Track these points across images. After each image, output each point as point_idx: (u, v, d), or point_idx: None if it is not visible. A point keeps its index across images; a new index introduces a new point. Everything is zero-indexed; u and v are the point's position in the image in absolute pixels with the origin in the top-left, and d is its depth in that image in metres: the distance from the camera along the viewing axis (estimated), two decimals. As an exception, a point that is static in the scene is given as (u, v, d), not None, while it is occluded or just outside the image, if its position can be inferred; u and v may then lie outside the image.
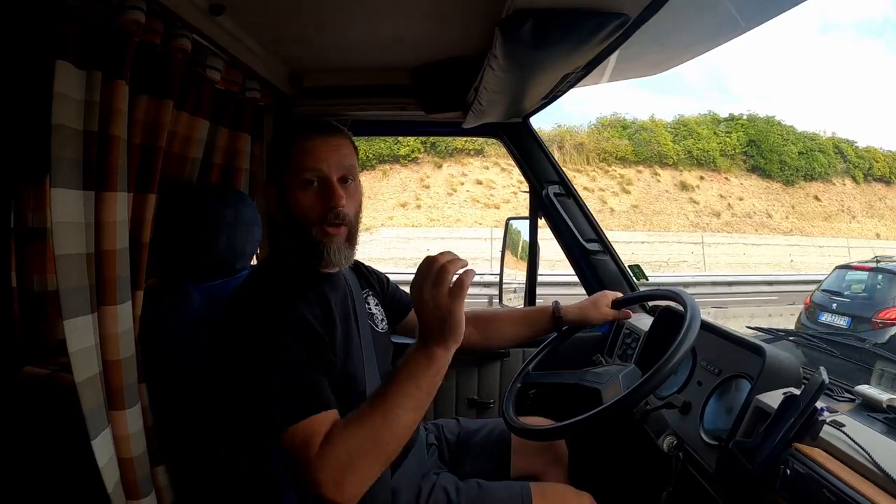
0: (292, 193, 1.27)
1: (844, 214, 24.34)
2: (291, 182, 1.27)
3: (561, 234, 2.18)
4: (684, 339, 1.25)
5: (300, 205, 1.26)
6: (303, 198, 1.26)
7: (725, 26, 1.39)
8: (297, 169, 1.26)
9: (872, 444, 0.98)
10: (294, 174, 1.26)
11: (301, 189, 1.26)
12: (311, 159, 1.26)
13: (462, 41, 1.62)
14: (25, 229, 1.90)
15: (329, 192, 1.26)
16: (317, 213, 1.26)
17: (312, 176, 1.26)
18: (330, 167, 1.27)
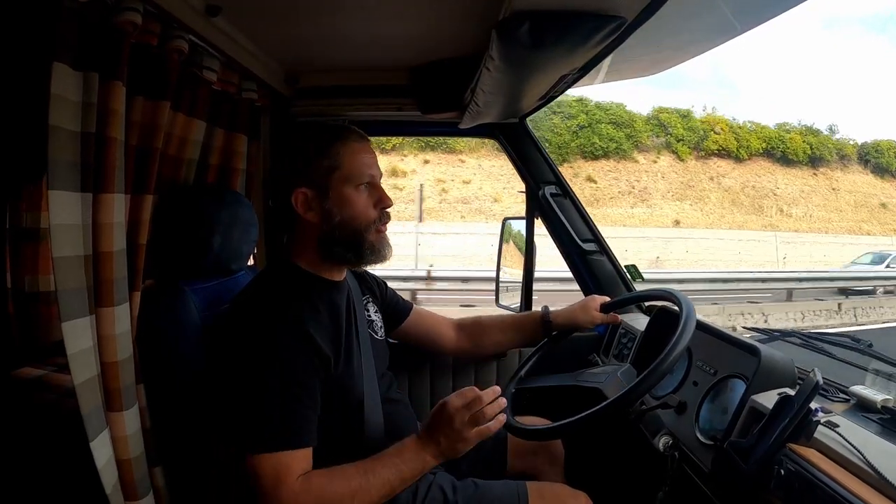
0: (345, 194, 1.29)
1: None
2: (341, 183, 1.29)
3: (557, 235, 2.18)
4: (680, 339, 1.25)
5: (357, 206, 1.30)
6: (359, 199, 1.30)
7: (721, 28, 1.39)
8: (351, 171, 1.29)
9: (866, 444, 0.99)
10: (346, 175, 1.29)
11: (356, 191, 1.30)
12: (364, 163, 1.31)
13: (459, 42, 1.62)
14: (20, 230, 1.90)
15: (381, 195, 1.34)
16: (374, 214, 1.32)
17: (367, 179, 1.31)
18: (377, 171, 1.34)
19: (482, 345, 1.85)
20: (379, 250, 1.34)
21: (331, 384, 1.25)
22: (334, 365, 1.26)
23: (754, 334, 1.67)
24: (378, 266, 1.40)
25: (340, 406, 1.29)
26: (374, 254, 1.34)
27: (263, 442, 1.12)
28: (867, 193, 29.95)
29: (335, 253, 1.32)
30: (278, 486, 1.11)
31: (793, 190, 28.51)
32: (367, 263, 1.36)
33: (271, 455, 1.12)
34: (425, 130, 2.39)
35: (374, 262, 1.35)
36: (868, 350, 1.38)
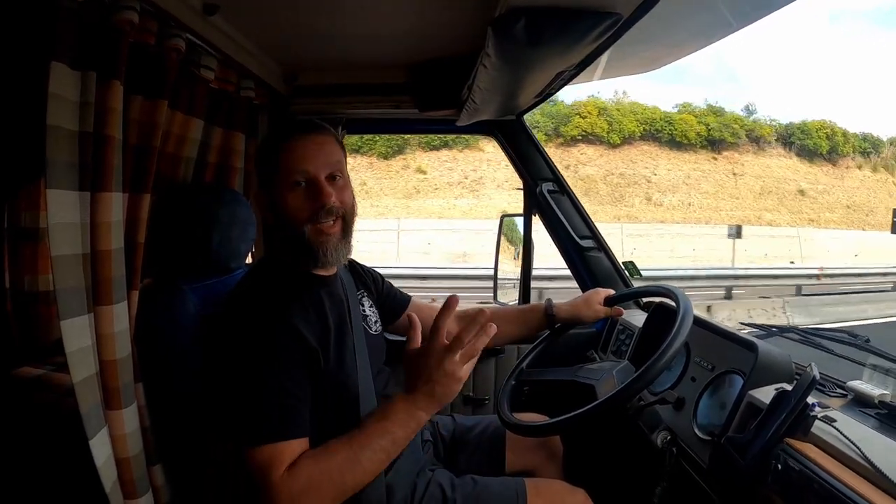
0: (282, 196, 1.27)
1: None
2: (280, 185, 1.27)
3: (555, 231, 2.18)
4: (677, 335, 1.26)
5: (290, 206, 1.27)
6: (292, 199, 1.26)
7: (717, 25, 1.39)
8: (284, 171, 1.26)
9: (863, 439, 0.99)
10: (282, 177, 1.27)
11: (290, 190, 1.26)
12: (296, 160, 1.26)
13: (456, 39, 1.62)
14: (19, 229, 1.90)
15: (317, 191, 1.26)
16: (307, 212, 1.27)
17: (300, 177, 1.26)
18: (317, 166, 1.27)
19: None
20: (315, 250, 1.29)
21: (323, 380, 1.26)
22: (324, 360, 1.26)
23: (752, 330, 1.68)
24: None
25: (335, 402, 1.29)
26: (309, 254, 1.30)
27: (256, 435, 1.13)
28: (782, 178, 28.95)
29: (286, 253, 1.33)
30: (269, 475, 1.11)
31: (676, 176, 27.49)
32: (308, 265, 1.33)
33: (266, 447, 1.12)
34: (423, 128, 2.40)
35: (313, 264, 1.32)
36: (865, 345, 1.38)
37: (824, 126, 31.47)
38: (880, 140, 33.23)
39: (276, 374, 1.16)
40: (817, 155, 30.59)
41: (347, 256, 1.37)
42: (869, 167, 31.83)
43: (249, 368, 1.16)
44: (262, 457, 1.12)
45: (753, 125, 30.81)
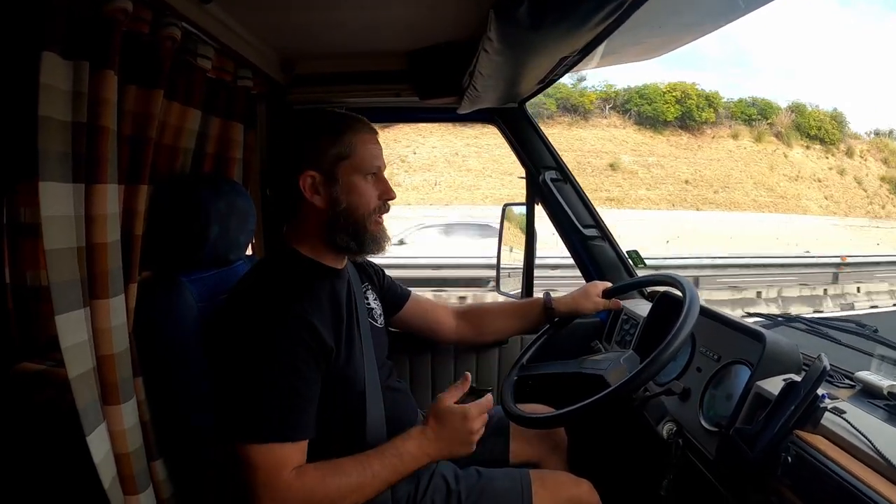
0: (352, 182, 1.30)
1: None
2: (351, 171, 1.30)
3: (558, 220, 2.17)
4: (683, 325, 1.25)
5: (362, 195, 1.32)
6: (364, 188, 1.32)
7: (725, 8, 1.37)
8: (361, 160, 1.31)
9: (873, 431, 0.98)
10: (356, 164, 1.31)
11: (363, 180, 1.31)
12: (373, 153, 1.33)
13: (456, 25, 1.60)
14: (18, 225, 1.89)
15: (385, 185, 1.36)
16: (375, 204, 1.34)
17: (375, 169, 1.33)
18: (383, 163, 1.35)
19: (483, 332, 1.85)
20: (378, 240, 1.36)
21: (332, 374, 1.25)
22: (336, 355, 1.25)
23: (758, 319, 1.66)
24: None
25: (342, 395, 1.28)
26: (374, 243, 1.35)
27: (260, 432, 1.13)
28: (596, 151, 26.46)
29: (338, 240, 1.32)
30: (273, 478, 1.12)
31: (441, 154, 25.71)
32: (368, 253, 1.37)
33: (267, 446, 1.12)
34: (424, 116, 2.38)
35: (373, 251, 1.36)
36: (873, 335, 1.37)
37: (674, 89, 28.83)
38: (777, 106, 30.94)
39: (284, 373, 1.16)
40: (663, 123, 28.26)
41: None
42: (751, 136, 29.97)
43: (256, 365, 1.15)
44: (264, 458, 1.12)
45: (572, 93, 28.15)
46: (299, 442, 1.16)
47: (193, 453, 1.38)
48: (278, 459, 1.13)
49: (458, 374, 2.18)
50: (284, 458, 1.13)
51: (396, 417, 1.42)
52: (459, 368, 2.17)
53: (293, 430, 1.16)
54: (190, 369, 1.32)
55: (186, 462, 1.37)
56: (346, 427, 1.31)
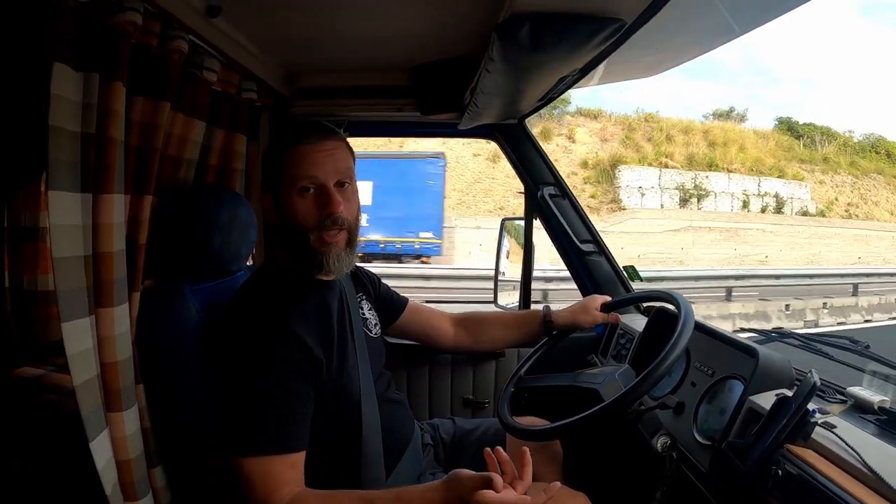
0: (289, 201, 1.26)
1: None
2: (287, 189, 1.26)
3: (556, 235, 2.18)
4: (678, 340, 1.26)
5: (297, 212, 1.26)
6: (300, 205, 1.26)
7: (720, 30, 1.39)
8: (292, 176, 1.26)
9: (863, 445, 0.99)
10: (290, 181, 1.26)
11: (298, 196, 1.26)
12: (306, 166, 1.25)
13: (459, 43, 1.62)
14: (18, 229, 1.90)
15: (326, 199, 1.26)
16: (314, 220, 1.26)
17: (308, 183, 1.26)
18: (326, 173, 1.27)
19: (481, 340, 1.84)
20: (320, 262, 1.28)
21: (326, 386, 1.26)
22: (327, 367, 1.26)
23: (752, 335, 1.68)
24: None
25: (337, 407, 1.29)
26: (315, 265, 1.29)
27: (254, 446, 1.13)
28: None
29: (292, 259, 1.32)
30: (269, 495, 1.11)
31: None
32: (318, 272, 1.31)
33: (261, 459, 1.12)
34: (425, 131, 2.40)
35: (316, 271, 1.31)
36: (865, 351, 1.38)
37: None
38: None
39: (276, 385, 1.16)
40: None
41: (351, 266, 1.36)
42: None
43: (249, 377, 1.16)
44: (259, 472, 1.12)
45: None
46: (292, 455, 1.15)
47: (193, 461, 1.38)
48: (274, 475, 1.12)
49: (455, 386, 2.19)
50: (281, 473, 1.13)
51: (393, 429, 1.43)
52: (457, 380, 2.18)
53: (287, 442, 1.15)
54: (191, 377, 1.33)
55: (186, 469, 1.37)
56: (342, 438, 1.31)
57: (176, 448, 1.36)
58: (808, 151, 24.88)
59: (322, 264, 1.28)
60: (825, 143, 25.34)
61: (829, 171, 24.34)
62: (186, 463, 1.37)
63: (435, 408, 2.18)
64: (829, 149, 25.20)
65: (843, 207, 23.27)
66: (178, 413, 1.35)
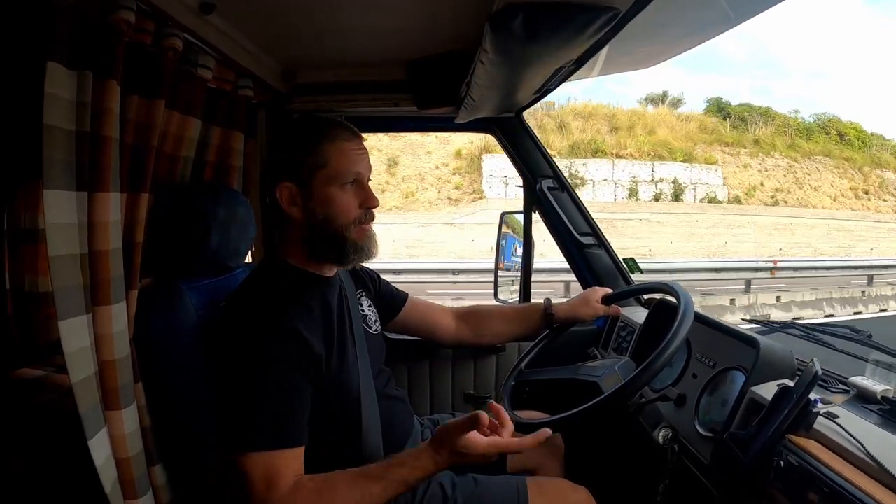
0: (328, 193, 1.28)
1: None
2: (326, 181, 1.28)
3: (555, 228, 2.18)
4: (677, 332, 1.26)
5: (339, 205, 1.29)
6: (342, 198, 1.29)
7: (716, 20, 1.39)
8: (335, 169, 1.28)
9: (866, 435, 0.99)
10: (331, 174, 1.28)
11: (340, 189, 1.29)
12: (350, 160, 1.29)
13: (454, 36, 1.62)
14: (18, 230, 1.90)
15: (366, 194, 1.33)
16: (356, 213, 1.31)
17: (352, 177, 1.29)
18: (365, 169, 1.33)
19: (483, 334, 1.84)
20: (362, 248, 1.33)
21: (325, 382, 1.26)
22: (327, 363, 1.26)
23: (753, 326, 1.67)
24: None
25: (337, 404, 1.29)
26: (356, 252, 1.33)
27: (254, 441, 1.13)
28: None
29: (318, 251, 1.33)
30: (269, 490, 1.11)
31: None
32: (351, 262, 1.35)
33: (261, 455, 1.13)
34: (422, 126, 2.40)
35: (357, 260, 1.35)
36: (868, 340, 1.38)
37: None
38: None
39: (275, 382, 1.17)
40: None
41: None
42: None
43: (248, 374, 1.16)
44: (259, 467, 1.13)
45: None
46: (292, 449, 1.16)
47: (192, 458, 1.38)
48: (274, 469, 1.12)
49: (456, 381, 2.19)
50: (280, 467, 1.13)
51: (393, 425, 1.43)
52: (458, 375, 2.18)
53: (286, 438, 1.16)
54: (189, 375, 1.33)
55: (185, 467, 1.37)
56: (342, 434, 1.32)
57: (175, 446, 1.35)
58: (735, 133, 23.44)
59: (363, 252, 1.34)
60: (760, 125, 23.98)
61: (760, 153, 22.87)
62: (186, 461, 1.37)
63: (436, 403, 2.19)
64: (764, 130, 23.80)
65: (768, 193, 21.81)
66: (177, 411, 1.35)
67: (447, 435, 1.13)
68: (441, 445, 1.13)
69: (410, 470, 1.14)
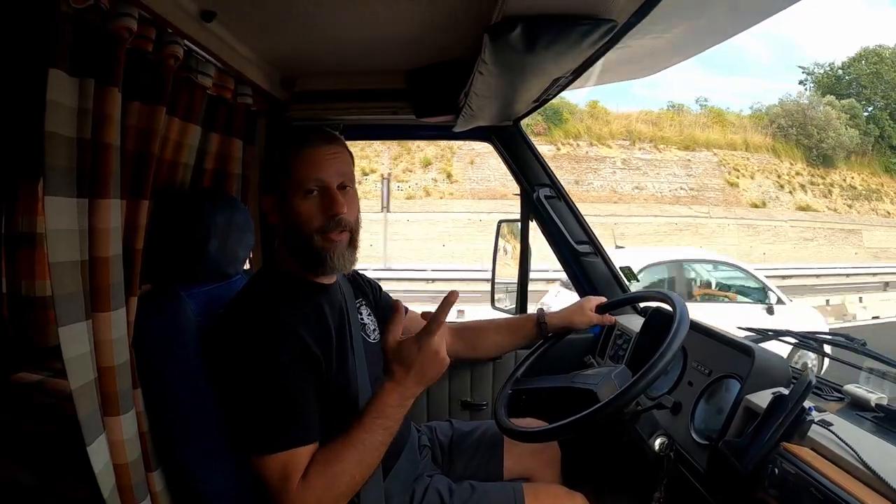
0: (293, 203, 1.29)
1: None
2: (291, 191, 1.29)
3: (552, 237, 2.19)
4: (673, 340, 1.26)
5: (302, 214, 1.28)
6: (304, 207, 1.29)
7: (712, 30, 1.40)
8: (297, 178, 1.28)
9: (860, 442, 1.00)
10: (294, 183, 1.28)
11: (302, 198, 1.29)
12: (311, 168, 1.29)
13: (453, 45, 1.62)
14: (15, 234, 1.90)
15: (330, 201, 1.29)
16: (319, 221, 1.29)
17: (313, 185, 1.29)
18: (330, 175, 1.30)
19: (478, 348, 1.85)
20: (324, 259, 1.31)
21: (325, 387, 1.26)
22: (326, 368, 1.27)
23: (749, 334, 1.68)
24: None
25: (335, 410, 1.29)
26: (319, 263, 1.32)
27: (269, 444, 1.15)
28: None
29: (297, 260, 1.34)
30: (285, 485, 1.13)
31: None
32: (319, 272, 1.35)
33: (277, 456, 1.14)
34: (421, 134, 2.40)
35: (321, 271, 1.34)
36: (862, 349, 1.39)
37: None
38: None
39: (285, 382, 1.18)
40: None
41: (354, 264, 1.38)
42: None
43: (258, 378, 1.17)
44: (276, 466, 1.14)
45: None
46: (308, 446, 1.18)
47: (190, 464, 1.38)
48: (291, 465, 1.14)
49: (452, 388, 2.19)
50: (297, 463, 1.15)
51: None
52: (454, 383, 2.18)
53: (301, 435, 1.17)
54: (188, 381, 1.33)
55: (183, 473, 1.37)
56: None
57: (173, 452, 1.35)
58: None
59: (326, 261, 1.31)
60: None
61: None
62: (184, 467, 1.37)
63: (433, 410, 2.19)
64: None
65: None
66: (176, 416, 1.35)
67: (386, 354, 1.20)
68: (387, 364, 1.19)
69: (381, 401, 1.19)
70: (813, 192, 23.90)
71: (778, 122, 25.37)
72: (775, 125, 25.28)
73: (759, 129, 25.38)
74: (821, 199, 23.78)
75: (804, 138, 24.83)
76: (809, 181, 24.18)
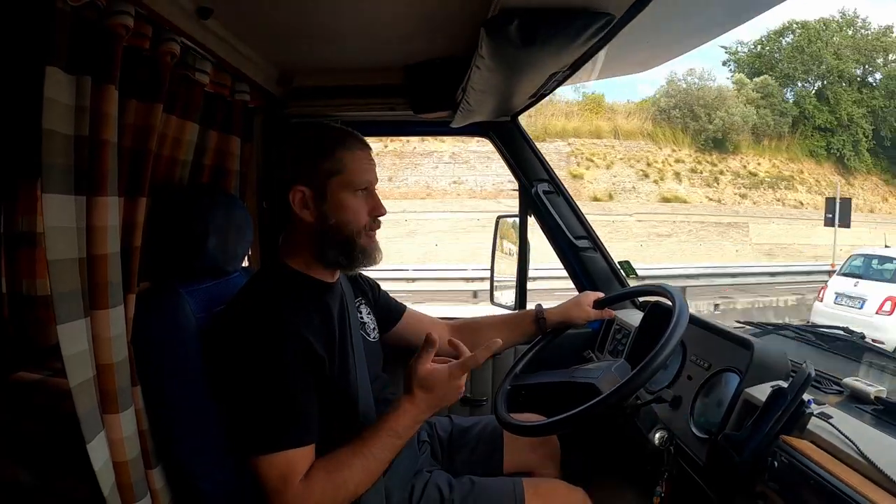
0: (341, 197, 1.32)
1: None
2: (341, 186, 1.32)
3: (551, 232, 2.19)
4: (672, 334, 1.26)
5: (351, 211, 1.33)
6: (354, 204, 1.33)
7: (710, 24, 1.40)
8: (351, 176, 1.32)
9: (860, 435, 1.00)
10: (346, 181, 1.32)
11: (353, 196, 1.33)
12: (365, 169, 1.35)
13: (450, 41, 1.62)
14: (16, 234, 1.90)
15: (376, 201, 1.38)
16: (365, 219, 1.35)
17: (365, 185, 1.34)
18: (375, 177, 1.38)
19: (478, 345, 1.82)
20: (369, 254, 1.37)
21: (325, 386, 1.27)
22: (329, 366, 1.27)
23: (748, 328, 1.69)
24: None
25: (335, 408, 1.30)
26: (364, 258, 1.37)
27: (269, 442, 1.15)
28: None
29: (327, 255, 1.35)
30: (285, 486, 1.14)
31: None
32: (358, 267, 1.40)
33: (276, 456, 1.15)
34: (418, 130, 2.40)
35: (364, 265, 1.39)
36: (861, 341, 1.39)
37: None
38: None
39: (287, 382, 1.19)
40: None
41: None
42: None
43: (259, 377, 1.18)
44: (275, 466, 1.15)
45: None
46: (307, 446, 1.19)
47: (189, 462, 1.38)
48: (289, 466, 1.16)
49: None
50: (295, 463, 1.16)
51: None
52: None
53: (300, 435, 1.18)
54: (187, 378, 1.33)
55: (182, 471, 1.37)
56: (339, 437, 1.32)
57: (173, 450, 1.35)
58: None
59: (373, 258, 1.39)
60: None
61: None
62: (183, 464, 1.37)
63: None
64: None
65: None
66: (175, 414, 1.35)
67: (411, 373, 1.25)
68: (410, 386, 1.25)
69: (395, 419, 1.23)
70: (691, 181, 21.94)
71: (658, 105, 23.48)
72: (655, 108, 23.63)
73: (640, 114, 23.65)
74: (701, 188, 22.04)
75: (691, 121, 22.74)
76: (691, 168, 22.32)
